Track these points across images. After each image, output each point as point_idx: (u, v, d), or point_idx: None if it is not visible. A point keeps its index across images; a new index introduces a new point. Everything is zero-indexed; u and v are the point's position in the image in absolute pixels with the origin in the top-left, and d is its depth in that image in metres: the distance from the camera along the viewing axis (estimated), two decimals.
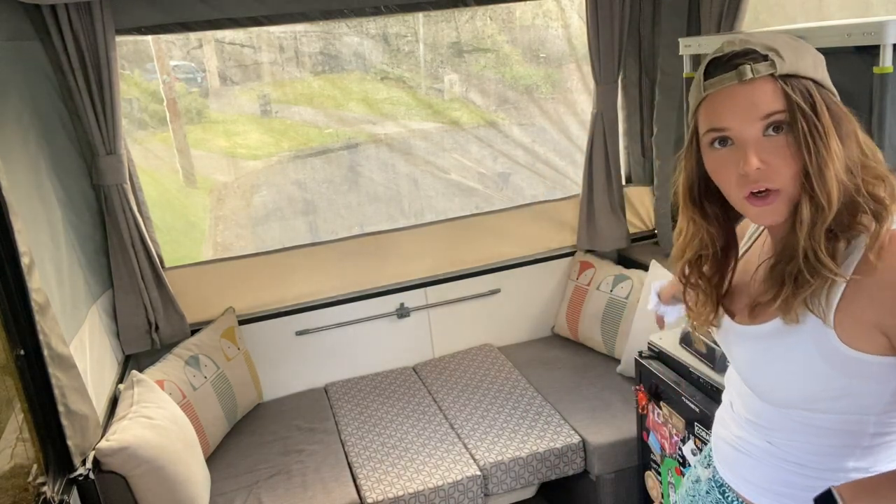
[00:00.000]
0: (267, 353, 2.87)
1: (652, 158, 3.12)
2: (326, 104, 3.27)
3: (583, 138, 3.12)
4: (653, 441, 2.07)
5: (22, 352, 1.64)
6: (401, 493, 2.20)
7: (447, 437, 2.47)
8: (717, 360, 1.82)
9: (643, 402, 2.09)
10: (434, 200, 3.40)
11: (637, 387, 2.10)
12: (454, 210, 3.27)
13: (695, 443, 1.84)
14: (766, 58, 0.89)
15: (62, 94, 2.31)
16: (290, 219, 3.28)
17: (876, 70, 1.34)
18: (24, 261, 1.61)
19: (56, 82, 2.29)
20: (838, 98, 0.93)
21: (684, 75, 1.90)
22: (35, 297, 1.62)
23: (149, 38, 2.77)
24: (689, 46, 1.87)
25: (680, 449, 1.91)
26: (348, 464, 2.39)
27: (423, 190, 3.43)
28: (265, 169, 3.43)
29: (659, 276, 2.66)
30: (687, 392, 1.85)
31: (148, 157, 3.09)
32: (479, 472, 2.28)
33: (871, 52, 1.34)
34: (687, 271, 1.07)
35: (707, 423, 1.74)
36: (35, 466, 1.67)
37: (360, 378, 2.98)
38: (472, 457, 2.35)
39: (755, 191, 0.90)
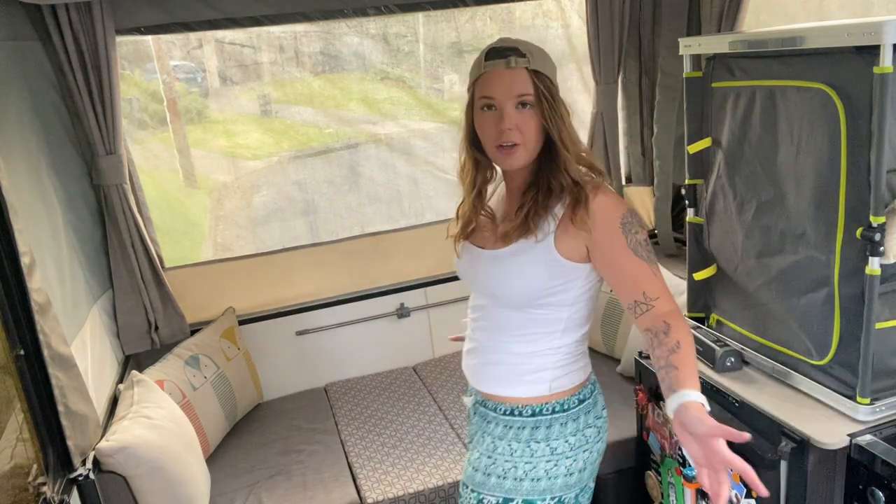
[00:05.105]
0: (267, 353, 2.86)
1: (652, 158, 3.12)
2: (326, 104, 3.28)
3: (583, 138, 3.12)
4: (653, 441, 2.07)
5: (22, 352, 1.63)
6: (401, 493, 2.20)
7: (447, 437, 2.47)
8: (717, 360, 1.82)
9: (643, 402, 2.09)
10: (434, 200, 3.41)
11: (637, 387, 2.10)
12: (454, 210, 3.27)
13: None
14: (524, 55, 1.31)
15: (62, 95, 2.31)
16: (290, 219, 3.28)
17: (876, 70, 1.33)
18: (25, 260, 1.61)
19: (56, 82, 2.29)
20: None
21: (684, 75, 1.90)
22: (35, 297, 1.62)
23: (149, 38, 2.77)
24: (689, 46, 1.87)
25: (680, 449, 1.91)
26: (348, 464, 2.39)
27: (423, 190, 3.43)
28: (265, 169, 3.44)
29: None
30: None
31: (148, 157, 3.10)
32: None
33: (871, 52, 1.34)
34: (476, 202, 1.47)
35: None
36: (35, 466, 1.67)
37: (360, 378, 2.98)
38: None
39: (505, 144, 1.31)
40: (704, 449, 1.09)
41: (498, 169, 1.46)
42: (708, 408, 1.15)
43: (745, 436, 1.09)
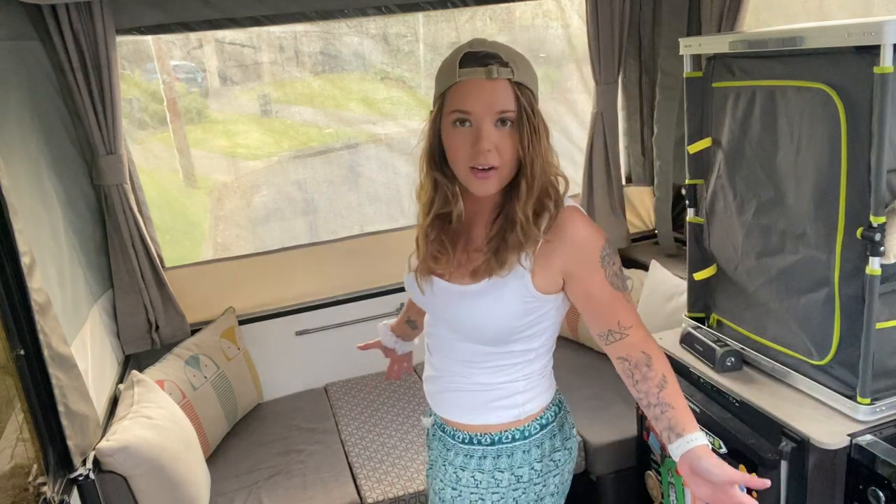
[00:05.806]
0: (267, 353, 2.86)
1: (652, 158, 3.12)
2: (326, 104, 3.27)
3: (583, 138, 3.12)
4: (653, 441, 2.07)
5: (22, 352, 1.63)
6: (401, 493, 2.20)
7: None
8: (717, 360, 1.82)
9: None
10: None
11: None
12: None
13: None
14: (507, 64, 1.14)
15: (62, 94, 2.31)
16: (290, 219, 3.28)
17: (876, 70, 1.33)
18: (25, 260, 1.61)
19: (56, 82, 2.29)
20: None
21: (684, 75, 1.90)
22: (35, 297, 1.62)
23: (149, 38, 2.77)
24: (689, 46, 1.87)
25: None
26: (348, 464, 2.39)
27: None
28: (265, 169, 3.43)
29: (659, 276, 2.66)
30: (687, 392, 1.85)
31: (148, 157, 3.09)
32: None
33: (871, 52, 1.34)
34: (428, 228, 1.30)
35: (707, 423, 1.74)
36: (35, 466, 1.67)
37: (360, 378, 2.97)
38: None
39: (481, 167, 1.15)
40: (718, 493, 1.07)
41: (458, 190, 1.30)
42: (710, 445, 1.13)
43: (766, 482, 1.07)
